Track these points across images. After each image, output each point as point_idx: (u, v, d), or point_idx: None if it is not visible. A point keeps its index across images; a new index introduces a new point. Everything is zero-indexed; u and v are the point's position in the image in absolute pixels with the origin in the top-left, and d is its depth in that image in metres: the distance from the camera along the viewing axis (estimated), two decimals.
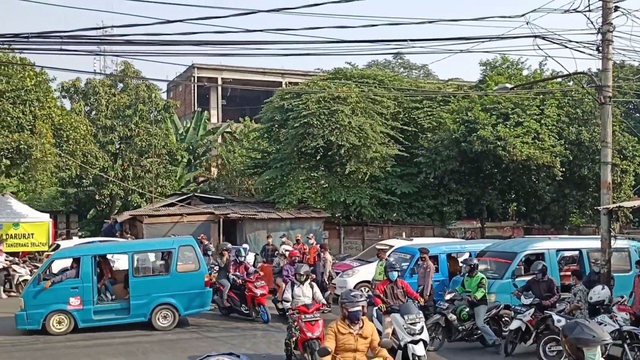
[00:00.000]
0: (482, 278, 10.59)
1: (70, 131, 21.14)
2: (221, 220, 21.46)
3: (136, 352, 10.55)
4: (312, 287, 9.69)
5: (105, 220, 26.59)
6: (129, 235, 22.24)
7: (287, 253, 14.45)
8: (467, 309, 10.44)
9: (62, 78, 31.42)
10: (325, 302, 9.47)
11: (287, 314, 9.83)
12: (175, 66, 62.09)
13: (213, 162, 33.95)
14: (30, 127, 18.97)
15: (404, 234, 21.21)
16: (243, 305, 13.24)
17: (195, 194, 25.33)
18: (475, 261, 11.11)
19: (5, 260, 17.06)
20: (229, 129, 35.17)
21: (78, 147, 21.79)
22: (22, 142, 18.41)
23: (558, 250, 13.28)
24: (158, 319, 12.27)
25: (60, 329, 11.82)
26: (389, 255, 13.73)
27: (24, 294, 12.09)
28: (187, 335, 12.02)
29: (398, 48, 14.73)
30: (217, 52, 19.85)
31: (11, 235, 20.18)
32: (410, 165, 24.39)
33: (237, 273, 13.34)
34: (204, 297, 12.68)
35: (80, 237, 22.60)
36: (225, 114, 40.20)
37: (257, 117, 28.75)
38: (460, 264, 13.12)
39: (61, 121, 20.74)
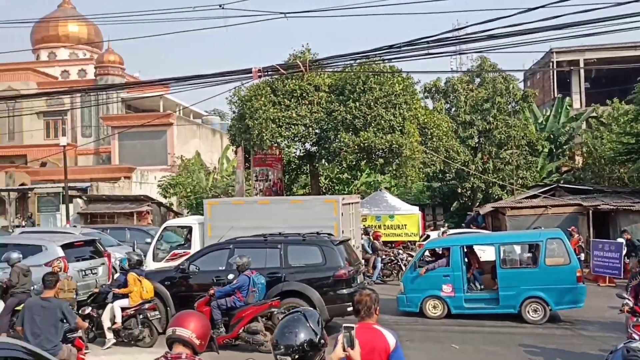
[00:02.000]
0: None
1: (434, 129, 22.51)
2: (590, 212, 19.94)
3: (509, 343, 10.64)
4: None
5: (468, 213, 27.53)
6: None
7: None
8: None
9: (424, 80, 33.81)
10: None
11: None
12: (532, 54, 60.33)
13: (577, 150, 31.80)
14: (400, 127, 20.86)
15: None
16: None
17: (559, 184, 24.14)
18: None
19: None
20: (594, 114, 32.46)
21: (441, 143, 23.05)
22: (393, 142, 20.38)
23: None
24: (528, 311, 12.14)
25: (435, 313, 12.74)
26: None
27: (403, 279, 13.41)
28: (560, 331, 11.56)
29: None
30: (579, 34, 18.44)
31: (387, 225, 22.62)
32: None
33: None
34: (576, 293, 12.00)
35: (447, 228, 23.87)
36: (589, 97, 37.13)
37: (629, 98, 25.74)
38: None
39: (425, 120, 22.27)
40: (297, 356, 2.98)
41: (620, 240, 17.09)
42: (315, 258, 11.25)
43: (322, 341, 3.06)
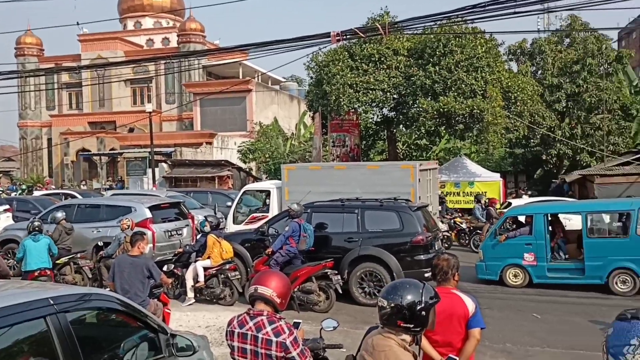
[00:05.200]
0: None
1: (518, 93, 21.57)
2: None
3: (594, 314, 10.22)
4: None
5: (553, 180, 26.47)
6: None
7: None
8: None
9: (508, 41, 32.19)
10: None
11: None
12: (628, 11, 56.23)
13: None
14: (481, 92, 20.16)
15: None
16: None
17: None
18: None
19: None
20: None
21: (525, 108, 22.10)
22: (475, 107, 19.74)
23: None
24: (616, 283, 11.58)
25: (516, 282, 12.42)
26: None
27: (483, 246, 13.13)
28: None
29: None
30: None
31: (467, 193, 22.14)
32: None
33: None
34: None
35: (529, 196, 23.11)
36: None
37: None
38: None
39: (509, 84, 21.36)
40: (393, 304, 3.05)
41: None
42: (392, 223, 11.18)
43: (423, 313, 3.04)
